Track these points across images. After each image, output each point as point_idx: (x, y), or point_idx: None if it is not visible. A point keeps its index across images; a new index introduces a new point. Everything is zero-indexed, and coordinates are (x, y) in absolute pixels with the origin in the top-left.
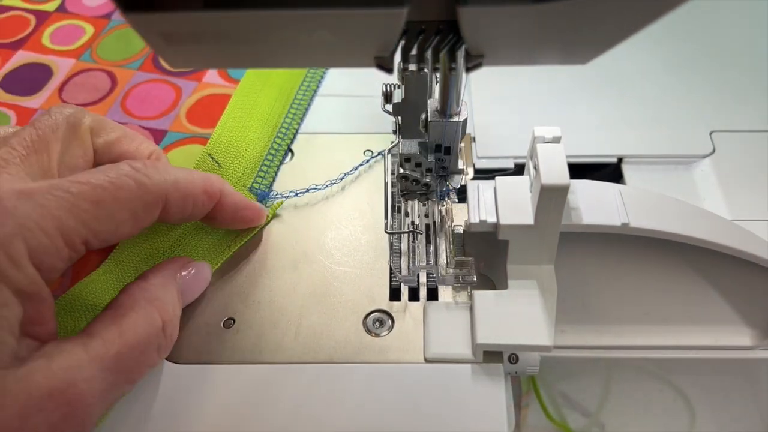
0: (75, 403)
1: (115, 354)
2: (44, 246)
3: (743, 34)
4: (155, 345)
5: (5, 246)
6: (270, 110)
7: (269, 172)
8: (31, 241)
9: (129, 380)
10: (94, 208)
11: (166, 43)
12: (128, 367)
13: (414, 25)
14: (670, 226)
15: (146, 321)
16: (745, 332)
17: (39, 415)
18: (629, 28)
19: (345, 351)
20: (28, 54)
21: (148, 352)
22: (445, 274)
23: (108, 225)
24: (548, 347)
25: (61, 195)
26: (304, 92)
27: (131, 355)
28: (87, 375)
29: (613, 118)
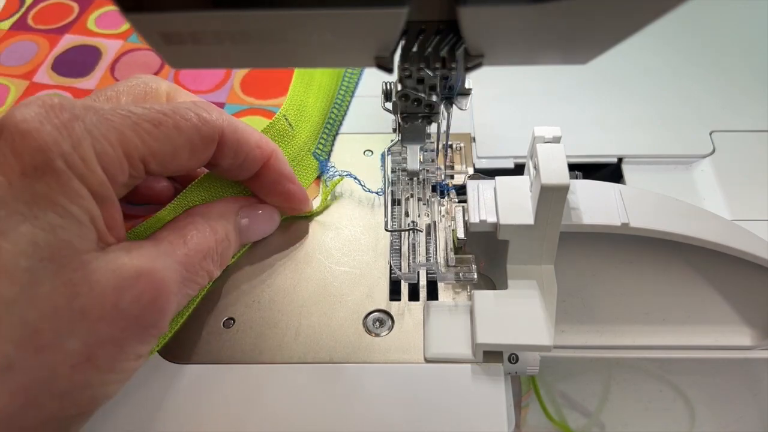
0: (160, 286)
1: (184, 254)
2: (108, 154)
3: (743, 34)
4: (210, 256)
5: (77, 147)
6: (327, 82)
7: (328, 140)
8: (97, 147)
9: (196, 281)
10: (155, 129)
11: (166, 43)
12: (194, 267)
13: (414, 25)
14: (670, 226)
15: (202, 235)
16: (745, 332)
17: (131, 291)
18: (629, 28)
19: (345, 351)
20: (76, 37)
21: (206, 260)
22: (445, 271)
23: (166, 147)
24: (548, 347)
25: (125, 113)
26: (349, 78)
27: (195, 258)
28: (164, 264)
29: (613, 118)
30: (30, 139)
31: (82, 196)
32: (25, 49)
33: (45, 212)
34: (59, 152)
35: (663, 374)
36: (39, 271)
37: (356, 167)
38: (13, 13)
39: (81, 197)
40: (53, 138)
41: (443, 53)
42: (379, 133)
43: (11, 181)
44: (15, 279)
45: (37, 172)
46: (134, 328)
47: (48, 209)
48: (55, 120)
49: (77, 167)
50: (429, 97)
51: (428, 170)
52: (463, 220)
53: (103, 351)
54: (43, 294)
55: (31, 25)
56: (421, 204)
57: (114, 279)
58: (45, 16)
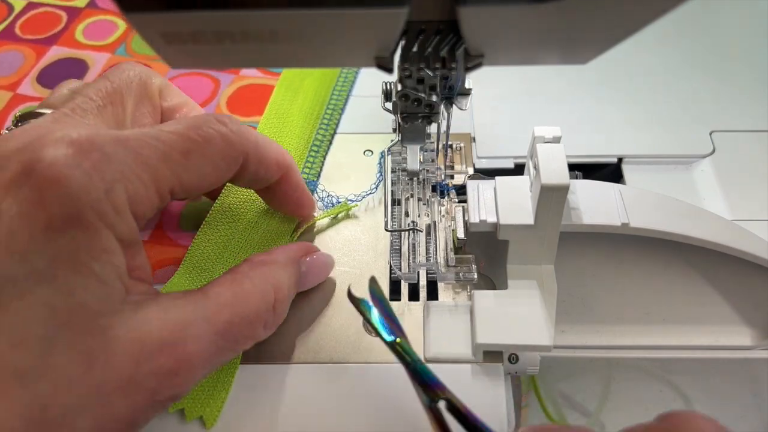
0: (183, 360)
1: (227, 321)
2: (140, 194)
3: (743, 35)
4: (263, 320)
5: (109, 193)
6: (311, 102)
7: (316, 163)
8: (130, 189)
9: (233, 350)
10: (184, 159)
11: (167, 43)
12: (235, 337)
13: (414, 25)
14: (670, 226)
15: (261, 295)
16: (745, 332)
17: (150, 364)
18: (629, 28)
19: (345, 351)
20: (63, 49)
21: (255, 325)
22: (445, 271)
23: (194, 176)
24: (548, 347)
25: (154, 144)
26: (342, 83)
27: (241, 325)
28: (197, 333)
29: (613, 118)
30: (59, 187)
31: (110, 250)
32: (11, 59)
33: (66, 272)
34: (90, 202)
35: (663, 374)
36: (55, 339)
37: (356, 167)
38: (1, 21)
39: (108, 252)
40: (84, 185)
41: (443, 53)
42: (379, 133)
43: (33, 234)
44: (29, 348)
45: (64, 225)
46: (149, 402)
47: (70, 269)
48: (87, 163)
49: (108, 217)
50: (429, 97)
51: (428, 170)
52: (463, 220)
53: (116, 427)
54: (58, 365)
55: (19, 35)
56: (421, 204)
57: (133, 350)
58: (33, 26)
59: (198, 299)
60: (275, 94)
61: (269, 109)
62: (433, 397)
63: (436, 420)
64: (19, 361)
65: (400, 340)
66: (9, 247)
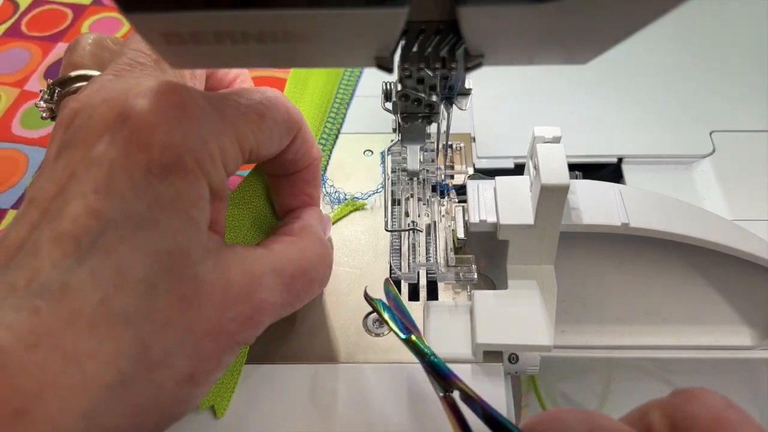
0: (258, 308)
1: (291, 275)
2: (229, 150)
3: (743, 35)
4: (320, 277)
5: (207, 144)
6: (320, 96)
7: (323, 156)
8: (220, 143)
9: (294, 304)
10: (260, 121)
11: (167, 43)
12: (297, 291)
13: (414, 25)
14: (670, 226)
15: (318, 252)
16: (745, 332)
17: (233, 310)
18: (629, 28)
19: (345, 351)
20: None
21: (313, 282)
22: (445, 271)
23: (267, 139)
24: (548, 347)
25: (235, 104)
26: (348, 77)
27: (302, 280)
28: (270, 284)
29: (613, 118)
30: (158, 133)
31: (205, 197)
32: (18, 56)
33: (168, 217)
34: (189, 149)
35: (663, 374)
36: (156, 281)
37: (356, 167)
38: (7, 18)
39: (203, 199)
40: (183, 134)
41: (443, 53)
42: (379, 133)
43: (134, 178)
44: (133, 290)
45: (163, 171)
46: (230, 343)
47: (171, 214)
48: (184, 112)
49: (206, 165)
50: (429, 97)
51: (428, 170)
52: (463, 220)
53: (205, 367)
54: (158, 307)
55: (25, 32)
56: (421, 204)
57: (221, 296)
58: (39, 23)
59: (267, 253)
60: (287, 88)
61: None
62: (447, 387)
63: (450, 408)
64: (124, 303)
65: (415, 337)
66: (109, 190)
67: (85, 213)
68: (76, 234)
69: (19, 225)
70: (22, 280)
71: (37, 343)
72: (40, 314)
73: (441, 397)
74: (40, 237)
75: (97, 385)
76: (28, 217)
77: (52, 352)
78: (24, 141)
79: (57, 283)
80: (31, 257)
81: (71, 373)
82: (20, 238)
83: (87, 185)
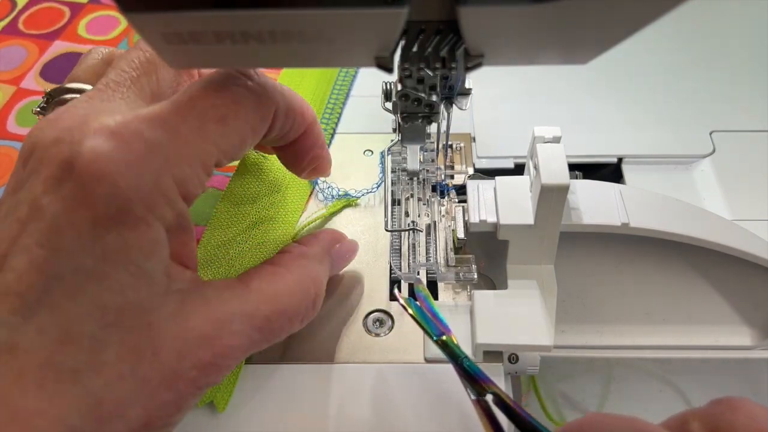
0: (221, 353)
1: (265, 317)
2: (187, 176)
3: (743, 34)
4: (302, 316)
5: (157, 183)
6: (311, 99)
7: None
8: (177, 174)
9: (268, 341)
10: (221, 126)
11: (167, 43)
12: (272, 331)
13: (414, 25)
14: (670, 226)
15: (302, 292)
16: (745, 332)
17: (192, 357)
18: (629, 28)
19: (345, 351)
20: (66, 44)
21: (294, 320)
22: (445, 271)
23: (234, 140)
24: (548, 347)
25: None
26: (343, 79)
27: (279, 321)
28: (237, 329)
29: (613, 118)
30: (104, 184)
31: (160, 241)
32: (15, 54)
33: (116, 270)
34: (139, 196)
35: (663, 374)
36: (105, 337)
37: (356, 167)
38: (4, 16)
39: (158, 244)
40: (131, 180)
41: (443, 53)
42: (379, 133)
43: (80, 232)
44: (80, 346)
45: (111, 222)
46: (191, 389)
47: (119, 266)
48: (130, 155)
49: (157, 207)
50: (429, 97)
51: (428, 170)
52: (463, 220)
53: (162, 413)
54: (108, 362)
55: (22, 30)
56: (421, 204)
57: (177, 345)
58: (36, 21)
59: (240, 293)
60: None
61: None
62: (481, 391)
63: (484, 412)
64: (72, 360)
65: (446, 338)
66: (55, 245)
67: (29, 268)
68: (20, 290)
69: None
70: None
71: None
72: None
73: (473, 400)
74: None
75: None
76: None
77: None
78: (19, 138)
79: (4, 341)
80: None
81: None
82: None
83: (31, 239)
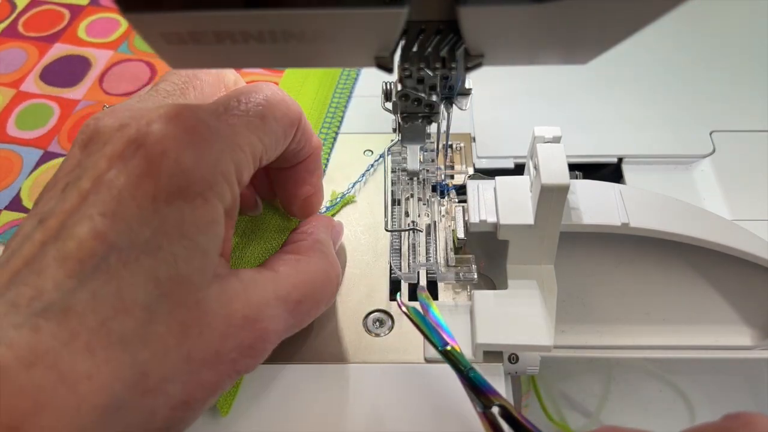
0: (260, 336)
1: (297, 300)
2: (244, 162)
3: (743, 34)
4: (327, 298)
5: (220, 164)
6: (311, 103)
7: (323, 155)
8: (235, 157)
9: (299, 326)
10: (263, 123)
11: (167, 43)
12: (302, 315)
13: (414, 25)
14: (670, 226)
15: (324, 274)
16: (745, 332)
17: (235, 339)
18: (629, 28)
19: (345, 351)
20: (66, 46)
21: (320, 303)
22: (445, 271)
23: (272, 139)
24: (548, 347)
25: (237, 113)
26: (344, 82)
27: (308, 304)
28: (273, 312)
29: (613, 118)
30: (170, 160)
31: (217, 221)
32: (15, 56)
33: (171, 243)
34: (200, 174)
35: (663, 374)
36: (156, 308)
37: (356, 167)
38: (4, 18)
39: (215, 223)
40: (194, 158)
41: (443, 53)
42: (379, 133)
43: (142, 204)
44: (132, 315)
45: (171, 196)
46: (230, 372)
47: (174, 240)
48: (195, 136)
49: (218, 186)
50: (429, 97)
51: (428, 170)
52: (463, 220)
53: (201, 394)
54: (157, 334)
55: (22, 32)
56: (421, 204)
57: (222, 325)
58: (36, 23)
59: (274, 278)
60: None
61: None
62: (487, 402)
63: (490, 425)
64: (123, 328)
65: (451, 348)
66: (116, 215)
67: (91, 236)
68: (81, 256)
69: (27, 243)
70: (24, 298)
71: (35, 362)
72: (39, 333)
73: (479, 413)
74: (45, 256)
75: (91, 407)
76: (37, 235)
77: (49, 372)
78: (18, 142)
79: (58, 303)
80: (35, 276)
81: (66, 393)
82: (26, 256)
83: (95, 209)
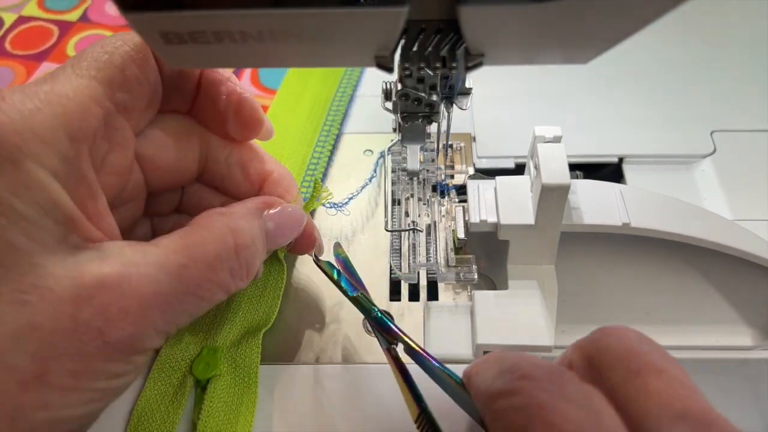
0: (130, 297)
1: (180, 264)
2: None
3: (744, 34)
4: (227, 266)
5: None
6: (314, 99)
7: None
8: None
9: (197, 294)
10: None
11: (166, 43)
12: (194, 280)
13: (414, 25)
14: (671, 226)
15: (216, 240)
16: (745, 332)
17: (93, 303)
18: (629, 27)
19: (345, 351)
20: (54, 65)
21: (217, 270)
22: (445, 271)
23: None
24: (548, 347)
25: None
26: (345, 84)
27: (199, 268)
28: (145, 272)
29: (614, 118)
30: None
31: (33, 185)
32: (2, 75)
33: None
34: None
35: None
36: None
37: (356, 167)
38: None
39: (31, 187)
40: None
41: (443, 53)
42: (379, 133)
43: None
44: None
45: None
46: (98, 343)
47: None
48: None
49: (33, 150)
50: (429, 97)
51: (428, 170)
52: (463, 220)
53: (59, 368)
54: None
55: (9, 50)
56: (421, 204)
57: (71, 288)
58: (24, 41)
59: (145, 248)
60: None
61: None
62: (391, 340)
63: (393, 359)
64: None
65: (360, 294)
66: None
67: None
68: None
69: None
70: None
71: None
72: None
73: (385, 349)
74: None
75: None
76: None
77: None
78: None
79: None
80: None
81: None
82: None
83: None
